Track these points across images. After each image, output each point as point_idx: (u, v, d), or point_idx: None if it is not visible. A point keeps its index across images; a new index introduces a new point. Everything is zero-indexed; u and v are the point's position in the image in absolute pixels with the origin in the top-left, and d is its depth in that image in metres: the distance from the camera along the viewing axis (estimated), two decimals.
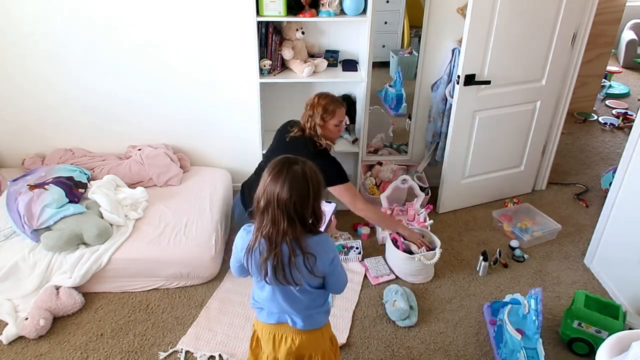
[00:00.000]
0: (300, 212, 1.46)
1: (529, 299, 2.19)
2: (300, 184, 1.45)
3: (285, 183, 1.44)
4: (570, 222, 3.30)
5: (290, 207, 1.44)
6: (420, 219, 3.03)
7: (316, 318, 1.69)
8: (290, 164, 1.48)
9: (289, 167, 1.47)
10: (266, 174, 1.49)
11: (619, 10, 4.57)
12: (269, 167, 1.50)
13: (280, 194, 1.44)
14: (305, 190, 1.46)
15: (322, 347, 1.76)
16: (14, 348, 2.34)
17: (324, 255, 1.54)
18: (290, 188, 1.44)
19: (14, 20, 2.93)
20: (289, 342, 1.69)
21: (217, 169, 3.40)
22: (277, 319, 1.68)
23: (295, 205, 1.45)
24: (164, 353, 2.33)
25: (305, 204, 1.47)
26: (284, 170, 1.46)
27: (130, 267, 2.63)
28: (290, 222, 1.46)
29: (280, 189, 1.44)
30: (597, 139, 4.49)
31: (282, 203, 1.44)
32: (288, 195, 1.43)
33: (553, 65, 3.08)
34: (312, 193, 1.48)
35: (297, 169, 1.47)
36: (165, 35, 3.01)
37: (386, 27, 3.59)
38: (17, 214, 2.70)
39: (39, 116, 3.25)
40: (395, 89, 3.74)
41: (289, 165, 1.47)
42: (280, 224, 1.46)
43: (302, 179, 1.46)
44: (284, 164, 1.48)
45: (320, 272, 1.55)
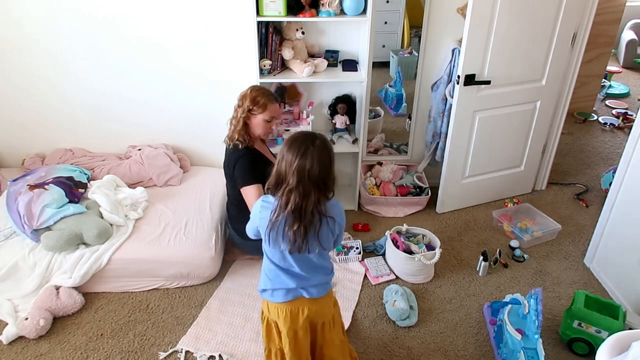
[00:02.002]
0: (325, 180, 1.64)
1: (529, 299, 2.19)
2: (325, 156, 1.63)
3: (314, 158, 1.60)
4: (570, 222, 3.30)
5: (320, 178, 1.61)
6: (303, 116, 3.17)
7: (327, 283, 1.86)
8: (312, 139, 1.64)
9: (312, 143, 1.62)
10: (291, 153, 1.61)
11: (619, 10, 4.57)
12: (293, 145, 1.62)
13: (310, 169, 1.59)
14: (329, 160, 1.65)
15: (331, 312, 1.92)
16: (14, 348, 2.34)
17: (340, 216, 1.74)
18: (319, 162, 1.60)
19: (15, 20, 2.93)
20: (306, 312, 1.82)
21: (217, 169, 3.39)
22: (293, 295, 1.80)
23: (323, 175, 1.62)
24: (164, 353, 2.33)
25: (329, 172, 1.65)
26: (310, 146, 1.61)
27: (130, 267, 2.63)
28: (319, 192, 1.62)
29: (310, 164, 1.59)
30: (597, 139, 4.49)
31: (313, 176, 1.59)
32: (318, 168, 1.60)
33: (553, 65, 3.08)
34: (332, 161, 1.67)
35: (318, 143, 1.63)
36: (165, 36, 3.01)
37: (386, 27, 3.59)
38: (17, 214, 2.70)
39: (39, 116, 3.25)
40: (395, 89, 3.74)
41: (312, 141, 1.63)
42: (312, 196, 1.61)
43: (325, 151, 1.63)
44: (306, 141, 1.63)
45: (338, 232, 1.75)
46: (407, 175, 3.46)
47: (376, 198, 3.32)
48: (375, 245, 3.02)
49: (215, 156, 3.45)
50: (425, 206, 3.39)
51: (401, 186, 3.38)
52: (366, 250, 3.01)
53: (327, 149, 1.66)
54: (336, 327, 1.97)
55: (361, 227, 3.21)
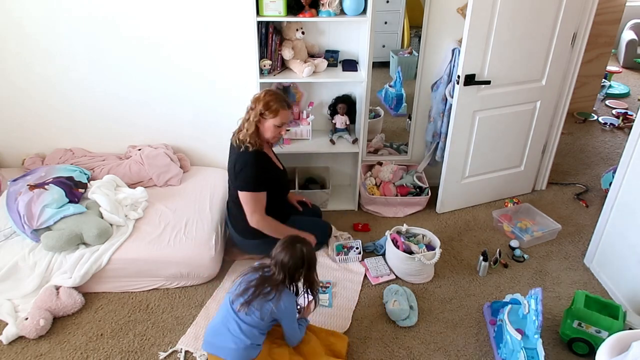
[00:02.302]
0: (291, 274, 2.05)
1: (529, 299, 2.19)
2: (296, 256, 2.05)
3: (287, 252, 2.05)
4: (570, 222, 3.30)
5: (286, 269, 2.03)
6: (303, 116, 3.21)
7: (248, 354, 2.06)
8: (295, 241, 2.08)
9: (292, 243, 2.07)
10: (279, 244, 2.10)
11: (619, 10, 4.57)
12: (283, 240, 2.11)
13: (281, 257, 2.04)
14: (298, 261, 2.05)
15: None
16: (14, 348, 2.34)
17: (280, 309, 2.03)
18: (290, 257, 2.04)
19: (15, 20, 2.93)
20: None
21: (217, 169, 3.40)
22: (213, 352, 2.10)
23: (289, 269, 2.03)
24: (164, 353, 2.33)
25: (295, 270, 2.06)
26: (289, 244, 2.07)
27: (130, 267, 2.63)
28: (284, 277, 2.04)
29: (283, 255, 2.04)
30: (597, 139, 4.49)
31: (283, 264, 2.04)
32: (287, 261, 2.03)
33: (553, 65, 3.08)
34: (301, 264, 2.06)
35: (298, 246, 2.06)
36: (165, 36, 3.01)
37: (386, 27, 3.59)
38: (17, 214, 2.70)
39: (39, 116, 3.25)
40: (395, 89, 3.74)
41: (293, 242, 2.08)
42: (279, 275, 2.04)
43: (298, 253, 2.05)
44: (291, 240, 2.09)
45: (269, 313, 2.02)
46: (407, 175, 3.46)
47: (376, 198, 3.32)
48: (375, 245, 3.02)
49: (215, 156, 3.44)
50: (425, 206, 3.39)
51: (401, 186, 3.38)
52: (366, 250, 3.01)
53: (305, 255, 2.05)
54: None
55: (361, 227, 3.21)
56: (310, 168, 3.50)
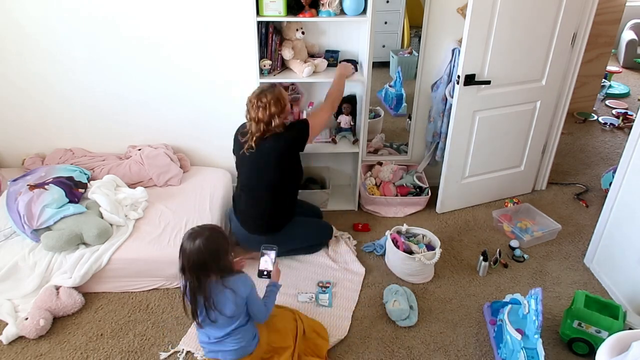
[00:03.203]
0: (205, 270, 1.91)
1: (529, 299, 2.19)
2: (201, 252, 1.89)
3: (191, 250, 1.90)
4: (570, 222, 3.30)
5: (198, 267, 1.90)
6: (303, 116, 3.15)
7: (244, 347, 2.06)
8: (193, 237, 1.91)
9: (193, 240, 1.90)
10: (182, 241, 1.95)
11: (619, 10, 4.57)
12: (184, 237, 1.95)
13: (189, 258, 1.90)
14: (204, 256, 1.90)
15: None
16: (14, 348, 2.34)
17: (240, 289, 1.97)
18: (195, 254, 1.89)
19: (15, 20, 2.93)
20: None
21: (217, 169, 3.40)
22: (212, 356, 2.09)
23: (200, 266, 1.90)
24: (164, 353, 2.33)
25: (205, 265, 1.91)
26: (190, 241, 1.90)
27: (130, 267, 2.63)
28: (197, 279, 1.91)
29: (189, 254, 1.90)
30: (597, 139, 4.49)
31: (192, 265, 1.90)
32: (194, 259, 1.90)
33: (553, 65, 3.08)
34: (211, 256, 1.91)
35: (197, 242, 1.89)
36: (165, 36, 3.01)
37: (386, 27, 3.59)
38: (17, 214, 2.70)
39: (39, 116, 3.25)
40: (395, 89, 3.74)
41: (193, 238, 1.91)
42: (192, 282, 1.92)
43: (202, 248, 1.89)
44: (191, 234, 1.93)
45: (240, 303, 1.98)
46: (407, 175, 3.46)
47: (376, 198, 3.32)
48: (375, 245, 3.03)
49: (215, 156, 3.45)
50: (425, 206, 3.39)
51: (401, 186, 3.38)
52: (366, 251, 3.01)
53: (207, 248, 1.89)
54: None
55: (361, 227, 3.21)
56: (310, 168, 3.49)
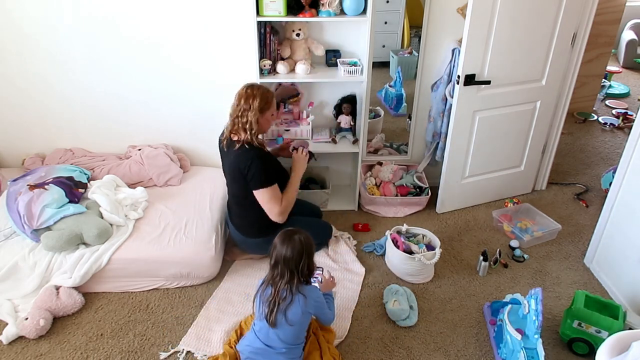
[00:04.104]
0: (298, 267, 2.01)
1: (529, 299, 2.19)
2: (299, 248, 2.01)
3: (289, 247, 2.00)
4: (570, 222, 3.30)
5: (292, 263, 2.00)
6: (303, 116, 3.19)
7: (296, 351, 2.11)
8: (294, 233, 2.04)
9: (292, 236, 2.03)
10: (275, 241, 2.06)
11: (619, 10, 4.57)
12: (278, 236, 2.06)
13: (285, 254, 2.00)
14: (303, 252, 2.02)
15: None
16: (14, 348, 2.34)
17: (313, 297, 2.07)
18: (292, 251, 2.00)
19: (15, 20, 2.93)
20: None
21: (217, 169, 3.38)
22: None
23: (296, 262, 2.00)
24: (164, 353, 2.33)
25: (303, 262, 2.02)
26: (288, 238, 2.02)
27: (130, 267, 2.63)
28: (291, 275, 2.01)
29: (285, 251, 2.01)
30: (597, 139, 4.49)
31: (286, 261, 2.00)
32: (291, 255, 2.00)
33: (553, 65, 3.08)
34: (307, 254, 2.04)
35: (296, 237, 2.03)
36: (165, 36, 3.01)
37: (386, 27, 3.59)
38: (17, 214, 2.70)
39: (39, 116, 3.25)
40: (395, 89, 3.74)
41: (292, 234, 2.04)
42: (285, 276, 2.01)
43: (300, 244, 2.01)
44: (289, 233, 2.05)
45: (308, 311, 2.06)
46: (407, 175, 3.46)
47: (376, 198, 3.32)
48: (375, 245, 3.02)
49: (215, 156, 3.41)
50: (425, 206, 3.39)
51: (401, 186, 3.38)
52: (366, 251, 3.01)
53: (302, 245, 2.01)
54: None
55: (361, 227, 3.21)
56: (310, 168, 3.49)
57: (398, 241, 2.78)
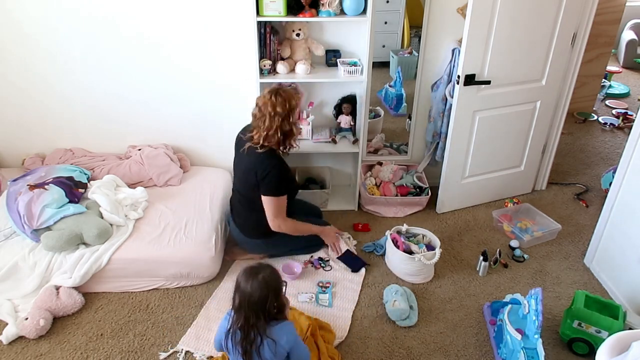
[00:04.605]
0: (265, 307, 1.83)
1: (529, 299, 2.19)
2: (264, 286, 1.82)
3: (253, 287, 1.81)
4: (570, 222, 3.30)
5: (258, 304, 1.81)
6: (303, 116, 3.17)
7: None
8: (256, 271, 1.85)
9: (256, 274, 1.84)
10: (237, 280, 1.87)
11: (619, 10, 4.57)
12: (239, 275, 1.87)
13: (249, 296, 1.81)
14: (268, 291, 1.83)
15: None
16: (14, 348, 2.34)
17: (282, 340, 1.87)
18: (256, 290, 1.81)
19: (15, 20, 2.92)
20: None
21: (217, 169, 3.40)
22: None
23: (262, 302, 1.82)
24: (164, 353, 2.33)
25: (269, 301, 1.83)
26: (251, 277, 1.84)
27: (130, 267, 2.63)
28: (257, 316, 1.83)
29: (250, 292, 1.81)
30: (597, 139, 4.49)
31: (251, 303, 1.81)
32: (256, 295, 1.81)
33: (553, 65, 3.08)
34: (275, 291, 1.86)
35: (260, 277, 1.83)
36: (165, 36, 3.01)
37: (386, 27, 3.59)
38: (17, 214, 2.70)
39: (39, 116, 3.25)
40: (395, 89, 3.74)
41: (256, 273, 1.85)
42: (250, 319, 1.82)
43: (265, 283, 1.83)
44: (251, 271, 1.86)
45: (280, 354, 1.87)
46: (407, 175, 3.46)
47: (376, 198, 3.32)
48: (375, 245, 3.02)
49: (215, 156, 3.45)
50: (425, 206, 3.39)
51: (401, 186, 3.37)
52: (366, 251, 3.01)
53: (266, 283, 1.83)
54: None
55: (361, 227, 3.21)
56: (310, 168, 3.50)
57: (398, 241, 2.78)
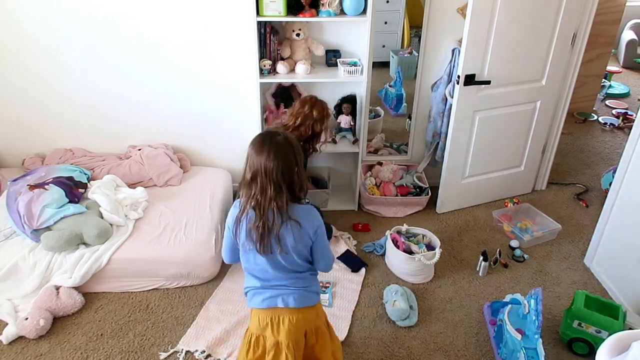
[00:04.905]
0: (287, 178, 1.54)
1: (529, 299, 2.19)
2: (284, 151, 1.54)
3: (270, 152, 1.53)
4: (570, 222, 3.30)
5: (278, 174, 1.52)
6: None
7: (307, 296, 1.72)
8: (272, 135, 1.58)
9: (272, 138, 1.56)
10: (250, 149, 1.58)
11: (619, 10, 4.57)
12: (252, 142, 1.59)
13: (266, 163, 1.52)
14: (290, 156, 1.55)
15: (316, 324, 1.80)
16: (14, 348, 2.34)
17: (308, 223, 1.60)
18: (275, 156, 1.52)
19: (15, 20, 2.92)
20: (287, 323, 1.70)
21: (217, 169, 3.40)
22: (268, 304, 1.70)
23: (282, 172, 1.53)
24: (164, 353, 2.33)
25: (291, 170, 1.55)
26: (267, 141, 1.55)
27: (130, 267, 2.63)
28: (276, 189, 1.53)
29: (266, 158, 1.52)
30: (597, 139, 4.49)
31: (269, 171, 1.52)
32: (275, 163, 1.52)
33: (553, 65, 3.08)
34: (295, 158, 1.57)
35: (279, 138, 1.57)
36: (165, 36, 3.01)
37: (386, 27, 3.59)
38: (17, 214, 2.70)
39: (39, 116, 3.25)
40: (395, 89, 3.74)
41: (271, 137, 1.57)
42: (268, 192, 1.53)
43: (285, 146, 1.55)
44: (266, 136, 1.59)
45: (306, 239, 1.61)
46: (407, 175, 3.46)
47: (376, 198, 3.32)
48: (375, 245, 3.02)
49: (215, 156, 3.45)
50: (425, 206, 3.39)
51: (401, 186, 3.37)
52: (366, 251, 3.01)
53: (290, 144, 1.57)
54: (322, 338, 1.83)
55: (361, 227, 3.21)
56: (310, 168, 3.49)
57: (398, 241, 2.78)
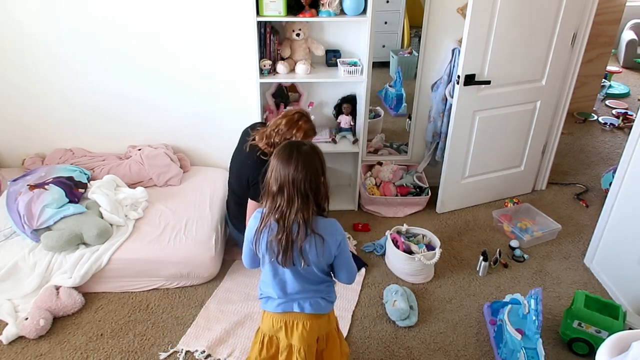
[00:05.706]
0: (314, 188, 1.55)
1: (529, 299, 2.19)
2: (311, 161, 1.56)
3: (298, 163, 1.53)
4: (570, 222, 3.30)
5: (306, 184, 1.53)
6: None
7: (321, 304, 1.75)
8: (298, 145, 1.59)
9: (298, 148, 1.57)
10: (274, 161, 1.58)
11: (619, 10, 4.57)
12: (276, 153, 1.59)
13: (294, 174, 1.52)
14: (317, 165, 1.57)
15: (328, 329, 1.84)
16: (14, 348, 2.34)
17: (332, 238, 1.61)
18: (303, 167, 1.53)
19: (14, 20, 2.93)
20: (300, 328, 1.73)
21: (217, 169, 3.40)
22: (283, 308, 1.73)
23: (310, 182, 1.54)
24: (164, 353, 2.33)
25: (318, 180, 1.56)
26: (294, 152, 1.55)
27: (130, 267, 2.63)
28: (304, 200, 1.54)
29: (294, 170, 1.52)
30: (597, 139, 4.49)
31: (297, 182, 1.52)
32: (303, 174, 1.52)
33: (553, 65, 3.08)
34: (322, 167, 1.59)
35: (305, 148, 1.57)
36: (165, 36, 3.01)
37: (386, 27, 3.60)
38: (17, 214, 2.70)
39: (39, 116, 3.25)
40: (395, 89, 3.74)
41: (297, 147, 1.58)
42: (295, 203, 1.53)
43: (312, 156, 1.57)
44: (292, 147, 1.58)
45: (328, 254, 1.62)
46: (407, 175, 3.46)
47: (376, 198, 3.32)
48: (375, 245, 3.02)
49: (215, 156, 3.45)
50: (425, 206, 3.39)
51: (401, 186, 3.38)
52: (366, 251, 3.01)
53: (315, 156, 1.58)
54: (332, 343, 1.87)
55: (361, 227, 3.21)
56: None
57: (398, 241, 2.78)
